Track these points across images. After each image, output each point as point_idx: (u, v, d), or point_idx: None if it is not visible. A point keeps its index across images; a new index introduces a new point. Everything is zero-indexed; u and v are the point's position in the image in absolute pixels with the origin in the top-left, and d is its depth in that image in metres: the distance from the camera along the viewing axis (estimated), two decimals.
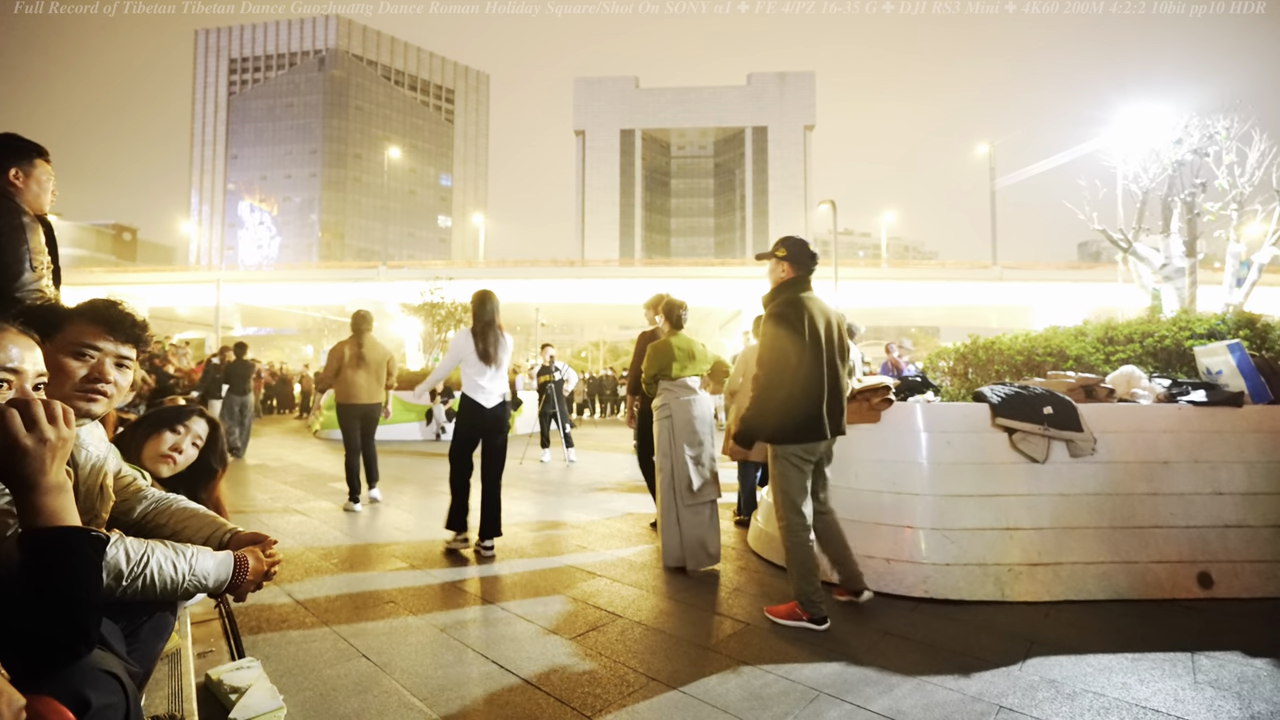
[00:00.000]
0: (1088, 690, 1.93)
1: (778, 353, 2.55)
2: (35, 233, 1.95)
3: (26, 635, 0.72)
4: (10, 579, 0.79)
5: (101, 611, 0.84)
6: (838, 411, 2.64)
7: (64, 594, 0.77)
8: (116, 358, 1.23)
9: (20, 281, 1.85)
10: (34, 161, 2.01)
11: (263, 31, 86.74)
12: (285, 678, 2.05)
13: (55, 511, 0.80)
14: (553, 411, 8.28)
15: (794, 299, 2.62)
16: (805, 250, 2.69)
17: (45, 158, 2.09)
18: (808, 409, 2.55)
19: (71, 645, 0.78)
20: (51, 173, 2.08)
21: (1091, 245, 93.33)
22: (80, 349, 1.19)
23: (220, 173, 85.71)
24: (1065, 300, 33.22)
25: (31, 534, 0.79)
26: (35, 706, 0.62)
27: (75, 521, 0.82)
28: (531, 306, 36.16)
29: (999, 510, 2.91)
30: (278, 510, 4.94)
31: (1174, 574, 2.80)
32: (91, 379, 1.19)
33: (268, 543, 1.32)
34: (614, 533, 4.17)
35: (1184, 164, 5.63)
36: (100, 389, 1.19)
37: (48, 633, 0.75)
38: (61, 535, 0.80)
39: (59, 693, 0.74)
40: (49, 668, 0.75)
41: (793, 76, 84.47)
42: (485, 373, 3.80)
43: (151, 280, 41.78)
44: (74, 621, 0.78)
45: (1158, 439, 3.01)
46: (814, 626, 2.48)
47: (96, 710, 0.77)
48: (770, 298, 2.72)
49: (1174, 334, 3.78)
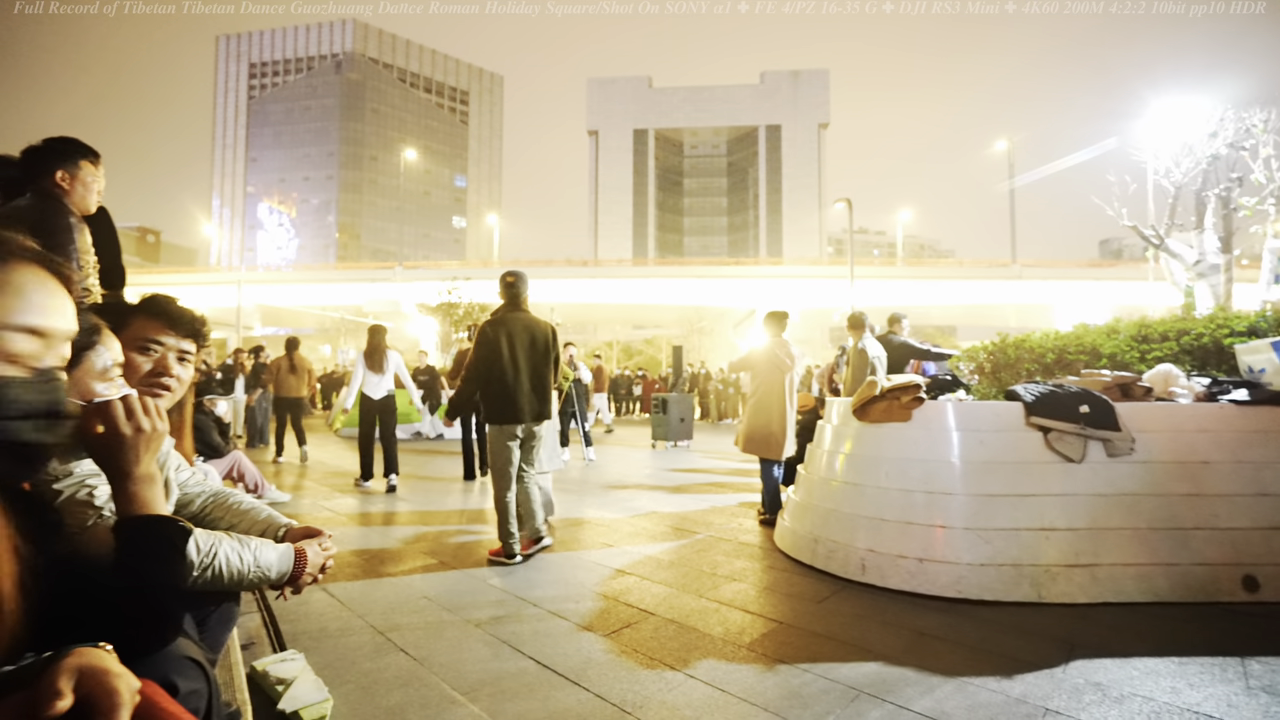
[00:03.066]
0: (1136, 694, 1.90)
1: (480, 358, 3.37)
2: (82, 233, 2.00)
3: (117, 622, 0.74)
4: (98, 566, 0.81)
5: (185, 599, 0.86)
6: (538, 402, 3.45)
7: (154, 580, 0.80)
8: (179, 352, 1.26)
9: None
10: (79, 163, 2.06)
11: (281, 36, 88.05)
12: (326, 670, 2.07)
13: (148, 500, 0.83)
14: (572, 410, 8.31)
15: (499, 319, 3.46)
16: (513, 285, 3.56)
17: (91, 159, 2.14)
18: (506, 398, 3.34)
19: (160, 631, 0.80)
20: (97, 173, 2.12)
21: (1113, 242, 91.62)
22: (145, 344, 1.22)
23: (240, 176, 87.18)
24: (1087, 299, 32.65)
25: (125, 521, 0.81)
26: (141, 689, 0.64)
27: (164, 511, 0.84)
28: (546, 306, 36.30)
29: (1034, 510, 2.86)
30: (305, 507, 5.01)
31: (1216, 577, 2.74)
32: (156, 373, 1.22)
33: (324, 536, 1.34)
34: (639, 530, 4.18)
35: (1219, 158, 5.50)
36: (164, 382, 1.22)
37: (138, 619, 0.77)
38: (153, 523, 0.82)
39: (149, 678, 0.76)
40: (140, 654, 0.77)
41: (807, 74, 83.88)
42: (373, 379, 5.83)
43: (174, 282, 42.64)
44: (162, 607, 0.80)
45: (1198, 439, 2.95)
46: (507, 561, 3.32)
47: (184, 695, 0.79)
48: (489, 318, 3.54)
49: (1212, 331, 3.70)
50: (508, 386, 3.34)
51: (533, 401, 3.41)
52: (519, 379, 3.37)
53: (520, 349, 3.40)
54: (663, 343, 48.40)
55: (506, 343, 3.38)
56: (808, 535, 3.43)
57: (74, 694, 0.53)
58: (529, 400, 3.39)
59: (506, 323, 3.44)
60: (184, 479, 1.39)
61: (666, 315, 43.97)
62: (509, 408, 3.34)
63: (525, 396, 3.37)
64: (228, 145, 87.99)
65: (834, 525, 3.29)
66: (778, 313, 4.65)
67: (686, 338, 37.24)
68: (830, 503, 3.39)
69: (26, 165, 2.06)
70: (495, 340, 3.37)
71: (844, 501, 3.31)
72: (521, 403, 3.36)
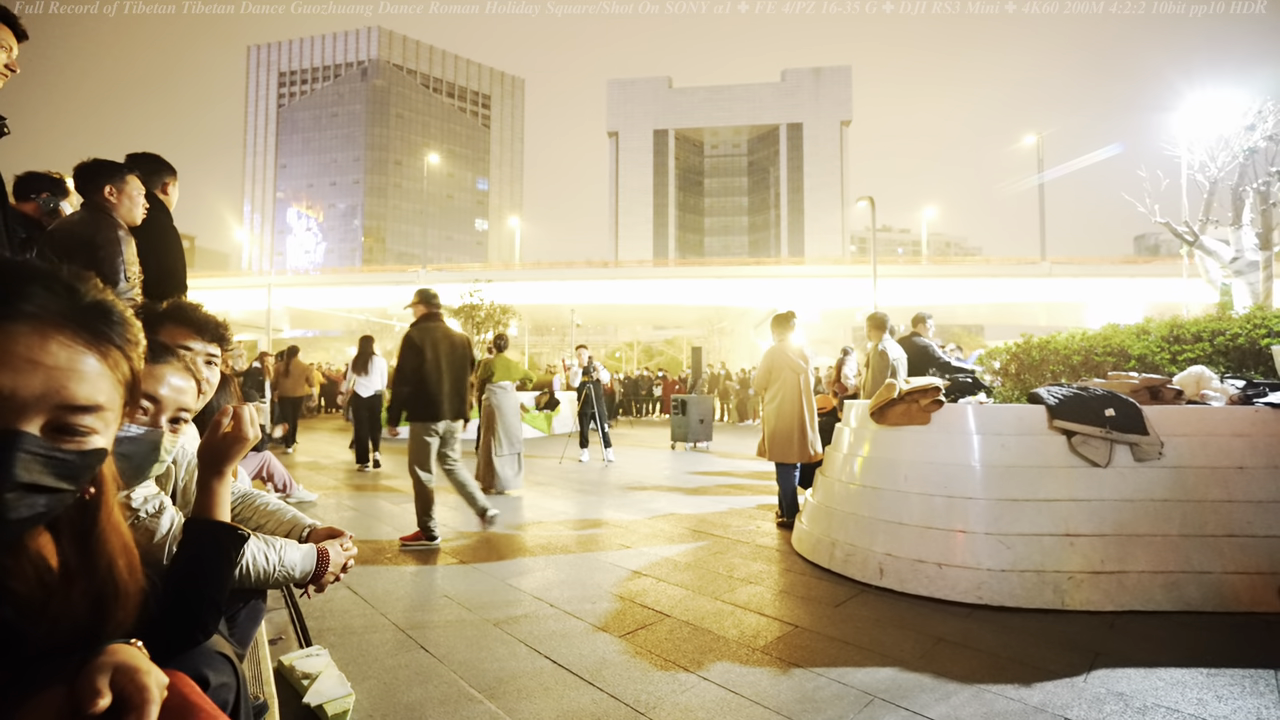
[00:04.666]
0: (1160, 705, 1.86)
1: (409, 361, 3.69)
2: (129, 245, 2.10)
3: (159, 618, 0.79)
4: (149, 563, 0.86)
5: (225, 602, 0.92)
6: (458, 402, 3.84)
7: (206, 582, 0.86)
8: (206, 356, 1.33)
9: (117, 290, 2.00)
10: (125, 179, 2.17)
11: (309, 45, 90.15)
12: (350, 666, 2.14)
13: (224, 501, 0.91)
14: (591, 412, 8.36)
15: (421, 328, 3.81)
16: (432, 299, 3.98)
17: (137, 174, 2.25)
18: (430, 398, 3.66)
19: (200, 629, 0.85)
20: (143, 188, 2.23)
21: (1149, 238, 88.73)
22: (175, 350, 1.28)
23: (270, 182, 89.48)
24: (1121, 296, 31.70)
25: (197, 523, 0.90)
26: (174, 682, 0.68)
27: (228, 516, 0.92)
28: (567, 308, 36.49)
29: (1057, 515, 2.81)
30: (330, 506, 5.14)
31: (1252, 586, 2.65)
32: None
33: (345, 537, 1.39)
34: (656, 532, 4.20)
35: (1257, 151, 5.31)
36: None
37: (184, 617, 0.82)
38: (218, 529, 0.91)
39: (182, 671, 0.81)
40: (175, 651, 0.82)
41: (828, 72, 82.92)
42: (361, 381, 7.40)
43: (208, 285, 43.89)
44: (208, 608, 0.86)
45: (1231, 443, 2.86)
46: (429, 543, 3.68)
47: (215, 689, 0.83)
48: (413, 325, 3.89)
49: (1248, 332, 3.58)
50: (431, 388, 3.66)
51: (453, 401, 3.78)
52: (441, 381, 3.71)
53: (443, 354, 3.73)
54: (683, 343, 48.34)
55: (431, 349, 3.72)
56: (825, 538, 3.41)
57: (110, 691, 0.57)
58: (450, 400, 3.76)
59: (430, 331, 3.77)
60: None
61: (687, 316, 43.89)
62: (433, 406, 3.70)
63: (447, 397, 3.72)
64: (258, 152, 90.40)
65: (852, 529, 3.27)
66: (783, 315, 4.64)
67: (707, 338, 37.17)
68: (848, 506, 3.37)
69: (78, 181, 2.18)
70: (421, 346, 3.68)
71: (862, 505, 3.28)
72: (443, 402, 3.71)
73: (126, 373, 0.63)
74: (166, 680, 0.62)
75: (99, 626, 0.66)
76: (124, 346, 0.63)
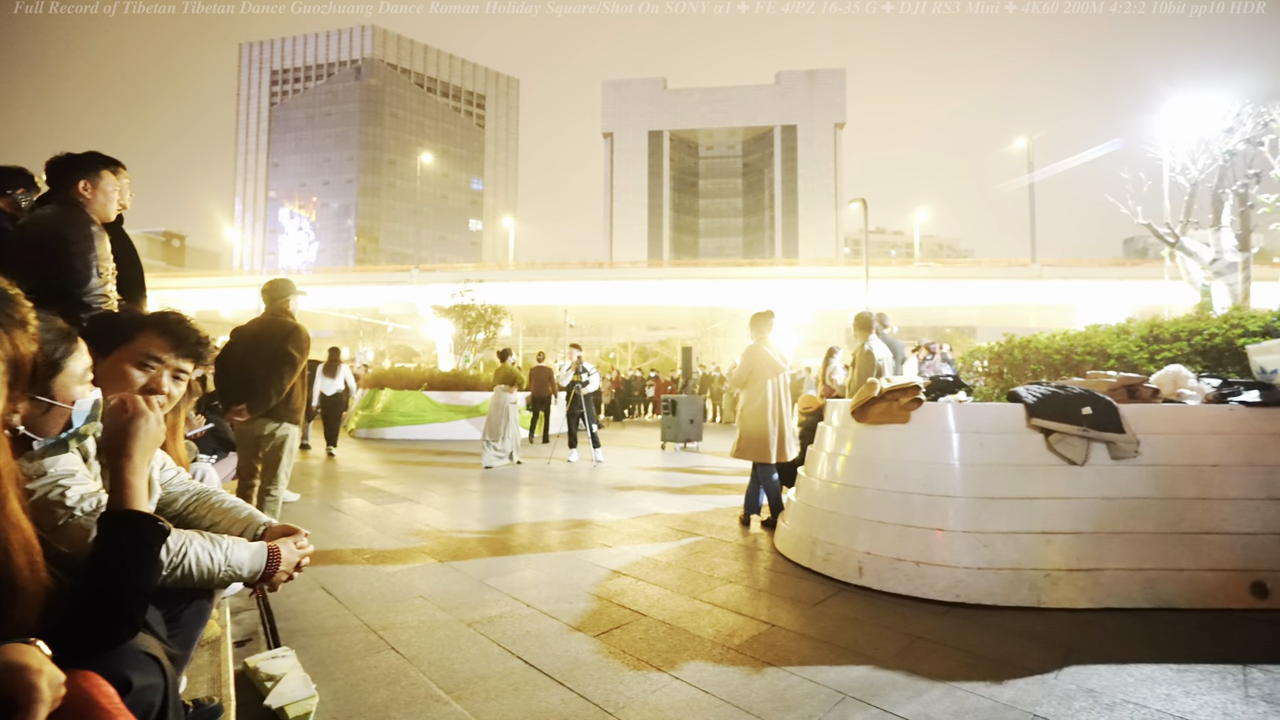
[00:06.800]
0: (1128, 701, 1.85)
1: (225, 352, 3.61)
2: (102, 241, 2.06)
3: (77, 617, 0.77)
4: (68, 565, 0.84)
5: (149, 598, 0.89)
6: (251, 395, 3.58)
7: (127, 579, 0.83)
8: (175, 370, 1.30)
9: (88, 287, 1.97)
10: (100, 173, 2.13)
11: (303, 43, 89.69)
12: (318, 667, 2.11)
13: (139, 492, 0.89)
14: (580, 412, 8.34)
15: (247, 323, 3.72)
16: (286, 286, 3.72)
17: (112, 169, 2.21)
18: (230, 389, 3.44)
19: (118, 628, 0.82)
20: (118, 183, 2.19)
21: (1138, 240, 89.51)
22: (144, 360, 1.26)
23: (262, 180, 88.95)
24: (1110, 298, 31.93)
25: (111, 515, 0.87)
26: (79, 682, 0.66)
27: (148, 507, 0.89)
28: (560, 308, 36.47)
29: (1035, 513, 2.81)
30: (313, 508, 5.09)
31: (1226, 583, 2.66)
32: (148, 389, 1.25)
33: (300, 535, 1.36)
34: (639, 532, 4.18)
35: (1236, 154, 5.35)
36: (154, 401, 1.26)
37: (101, 614, 0.80)
38: (136, 519, 0.87)
39: (102, 672, 0.78)
40: (96, 650, 0.79)
41: (823, 74, 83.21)
42: (329, 383, 8.78)
43: (197, 285, 43.60)
44: (127, 604, 0.83)
45: (1207, 441, 2.88)
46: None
47: (138, 690, 0.81)
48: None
49: (1225, 331, 3.60)
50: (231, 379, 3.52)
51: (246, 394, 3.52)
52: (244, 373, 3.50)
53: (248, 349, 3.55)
54: (677, 344, 48.27)
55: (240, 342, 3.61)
56: (806, 537, 3.41)
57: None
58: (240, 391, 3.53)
59: (248, 325, 3.68)
60: (168, 478, 1.43)
61: (681, 316, 43.89)
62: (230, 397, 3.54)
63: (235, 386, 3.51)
64: (250, 151, 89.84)
65: (832, 527, 3.26)
66: (763, 313, 4.61)
67: (701, 339, 37.13)
68: (829, 505, 3.37)
69: (50, 175, 2.13)
70: (235, 340, 3.64)
71: (843, 504, 3.28)
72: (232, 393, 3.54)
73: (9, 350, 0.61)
74: (62, 679, 0.60)
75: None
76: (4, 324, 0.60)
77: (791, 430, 4.49)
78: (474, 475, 6.79)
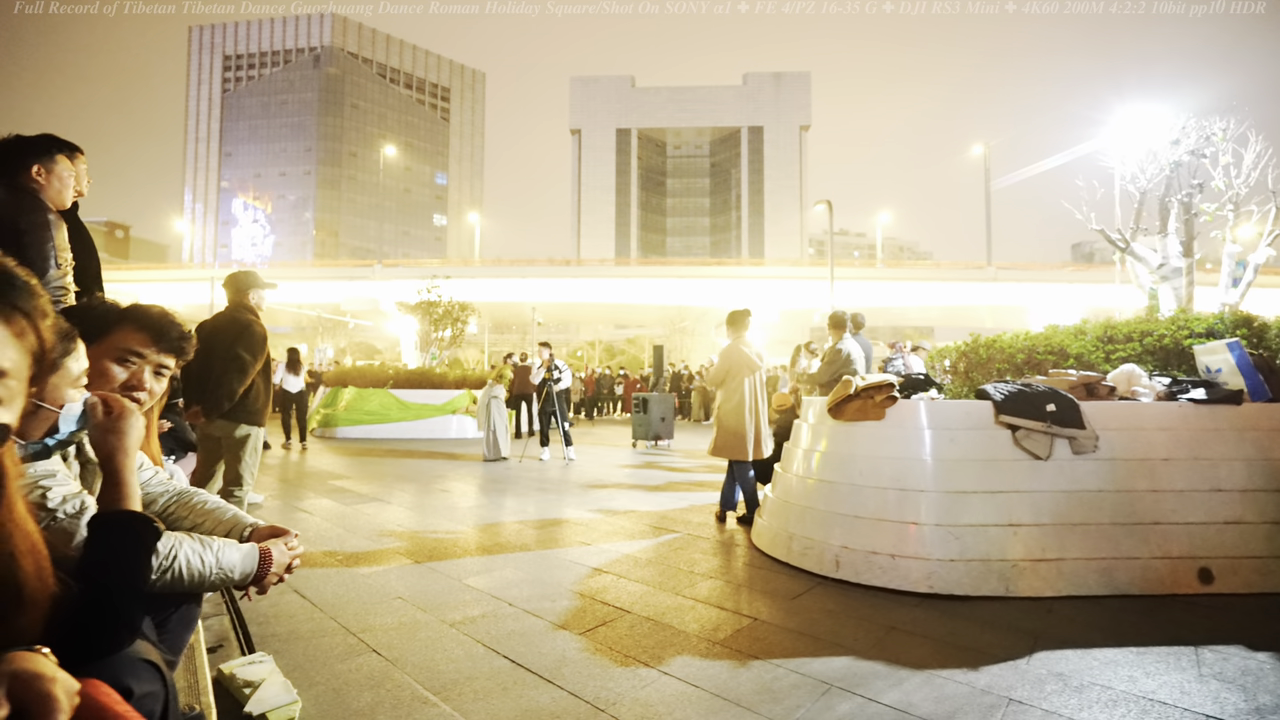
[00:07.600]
0: (1095, 683, 1.95)
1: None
2: (59, 229, 1.94)
3: (75, 623, 0.73)
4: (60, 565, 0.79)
5: (144, 602, 0.86)
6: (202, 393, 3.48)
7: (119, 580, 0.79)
8: (156, 366, 1.24)
9: (46, 278, 1.85)
10: (55, 158, 2.00)
11: (257, 29, 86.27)
12: (296, 672, 2.04)
13: (133, 490, 0.84)
14: (552, 410, 8.28)
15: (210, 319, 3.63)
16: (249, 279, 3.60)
17: (68, 153, 2.08)
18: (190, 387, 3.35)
19: (116, 635, 0.78)
20: (74, 169, 2.06)
21: (1085, 246, 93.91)
22: (124, 355, 1.19)
23: (214, 170, 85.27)
24: (1060, 300, 33.43)
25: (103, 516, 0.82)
26: (88, 690, 0.63)
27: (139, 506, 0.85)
28: (528, 305, 36.07)
29: (1003, 507, 2.93)
30: (278, 508, 4.93)
31: (1175, 570, 2.83)
32: (129, 385, 1.19)
33: (290, 535, 1.32)
34: (616, 529, 4.18)
35: (1181, 165, 5.68)
36: (136, 396, 1.20)
37: (100, 619, 0.76)
38: (128, 519, 0.84)
39: (101, 680, 0.75)
40: (95, 657, 0.75)
41: (788, 77, 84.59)
42: (291, 379, 9.13)
43: (145, 278, 41.55)
44: (120, 610, 0.79)
45: (1158, 436, 3.05)
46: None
47: (139, 698, 0.77)
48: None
49: (1173, 333, 3.82)
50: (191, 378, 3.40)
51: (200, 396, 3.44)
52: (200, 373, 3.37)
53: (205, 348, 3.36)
54: (645, 342, 48.47)
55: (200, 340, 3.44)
56: (783, 532, 3.47)
57: (9, 702, 0.52)
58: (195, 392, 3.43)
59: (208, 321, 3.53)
60: (146, 478, 1.36)
61: (649, 315, 44.03)
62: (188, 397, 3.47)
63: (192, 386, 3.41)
64: (201, 139, 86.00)
65: (809, 522, 3.33)
66: (739, 312, 4.67)
67: (669, 337, 37.37)
68: (805, 500, 3.43)
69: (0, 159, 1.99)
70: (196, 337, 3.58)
71: (818, 499, 3.35)
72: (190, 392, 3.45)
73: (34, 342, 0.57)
74: (77, 687, 0.57)
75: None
76: (31, 314, 0.57)
77: (767, 428, 4.56)
78: (443, 474, 6.68)
